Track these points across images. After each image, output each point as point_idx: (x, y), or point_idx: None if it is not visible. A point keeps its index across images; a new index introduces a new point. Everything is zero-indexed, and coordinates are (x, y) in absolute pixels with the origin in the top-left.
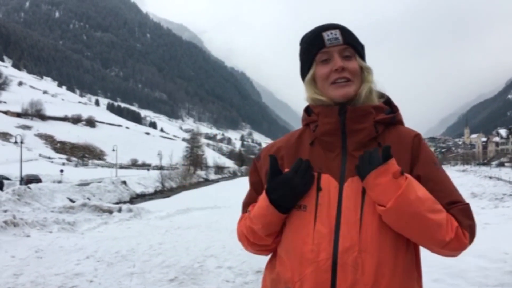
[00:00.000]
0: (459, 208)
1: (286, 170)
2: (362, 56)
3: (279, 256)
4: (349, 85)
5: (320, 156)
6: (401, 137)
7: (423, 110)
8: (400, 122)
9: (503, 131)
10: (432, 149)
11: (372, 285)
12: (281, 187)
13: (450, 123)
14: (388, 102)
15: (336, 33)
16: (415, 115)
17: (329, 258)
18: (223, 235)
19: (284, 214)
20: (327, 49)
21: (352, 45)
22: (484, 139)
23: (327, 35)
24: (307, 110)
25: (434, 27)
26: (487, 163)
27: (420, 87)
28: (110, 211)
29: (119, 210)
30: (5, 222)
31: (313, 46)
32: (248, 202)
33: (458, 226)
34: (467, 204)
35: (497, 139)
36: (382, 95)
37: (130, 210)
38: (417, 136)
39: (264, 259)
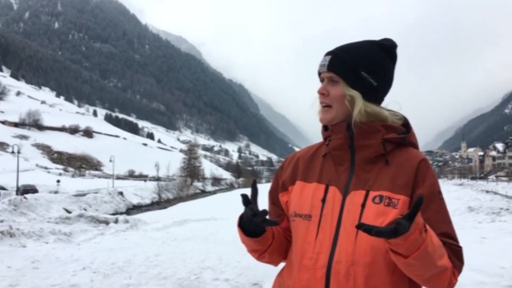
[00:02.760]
0: (453, 248)
1: (298, 181)
2: (353, 81)
3: (287, 261)
4: (326, 111)
5: (330, 169)
6: (409, 158)
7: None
8: (412, 144)
9: (500, 145)
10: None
11: None
12: (245, 218)
13: (447, 137)
14: (406, 124)
15: (326, 59)
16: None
17: (324, 266)
18: (220, 247)
19: (254, 238)
20: (322, 74)
21: (336, 72)
22: (481, 153)
23: (321, 61)
24: (325, 125)
25: (432, 42)
26: (484, 177)
27: (417, 101)
28: (106, 222)
29: (116, 221)
30: (1, 232)
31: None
32: None
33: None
34: (461, 248)
35: (494, 153)
36: (400, 117)
37: (126, 221)
38: (424, 160)
39: (261, 272)
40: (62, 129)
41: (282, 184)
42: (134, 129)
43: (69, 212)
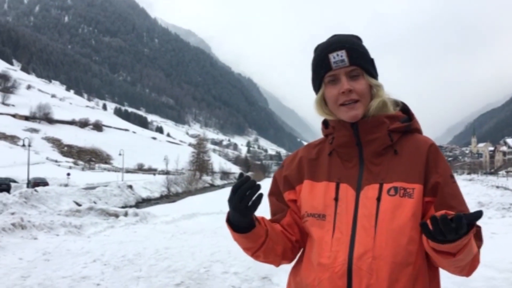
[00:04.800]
0: (475, 229)
1: (306, 180)
2: (371, 72)
3: (303, 261)
4: (356, 107)
5: (338, 166)
6: (418, 145)
7: (430, 118)
8: (416, 130)
9: (510, 141)
10: None
11: None
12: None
13: (457, 132)
14: (405, 110)
15: (342, 54)
16: (422, 124)
17: (344, 263)
18: (229, 241)
19: (242, 233)
20: (334, 72)
21: (359, 64)
22: (491, 148)
23: (333, 57)
24: (325, 122)
25: (443, 37)
26: (494, 172)
27: (428, 96)
28: (116, 215)
29: (125, 214)
30: (13, 224)
31: (321, 68)
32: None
33: None
34: (480, 227)
35: (504, 148)
36: (398, 104)
37: (136, 215)
38: (433, 145)
39: (269, 266)
40: (72, 122)
41: (286, 182)
42: (143, 123)
43: (79, 205)
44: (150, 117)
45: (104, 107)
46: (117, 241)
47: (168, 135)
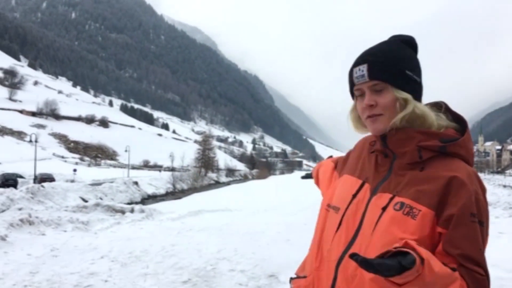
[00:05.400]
0: (473, 276)
1: (345, 175)
2: (399, 84)
3: (311, 247)
4: (378, 121)
5: (371, 167)
6: (444, 170)
7: None
8: (455, 154)
9: None
10: None
11: None
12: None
13: None
14: (462, 128)
15: (363, 69)
16: None
17: (335, 260)
18: (235, 238)
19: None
20: (358, 86)
21: (380, 78)
22: (499, 147)
23: (355, 72)
24: None
25: (449, 35)
26: (501, 171)
27: (434, 94)
28: (122, 212)
29: (132, 211)
30: (21, 220)
31: (349, 82)
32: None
33: None
34: (485, 276)
35: (511, 147)
36: (448, 123)
37: (142, 211)
38: (457, 178)
39: (276, 264)
40: (78, 118)
41: (340, 166)
42: (149, 120)
43: (85, 201)
44: (156, 114)
45: (110, 104)
46: (124, 238)
47: (174, 131)
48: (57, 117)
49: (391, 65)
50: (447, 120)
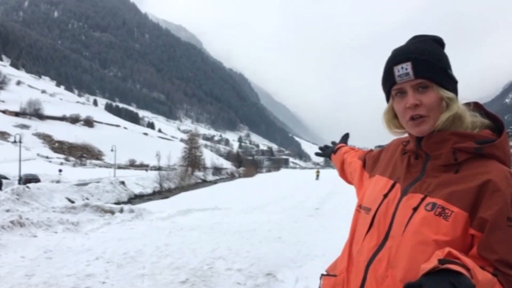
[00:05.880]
0: (511, 281)
1: (377, 175)
2: (443, 83)
3: (344, 247)
4: (424, 123)
5: (403, 168)
6: (480, 172)
7: None
8: (491, 155)
9: None
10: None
11: None
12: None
13: None
14: (498, 129)
15: (407, 67)
16: None
17: (365, 260)
18: (227, 237)
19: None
20: (400, 85)
21: (426, 77)
22: None
23: (397, 70)
24: None
25: (432, 31)
26: None
27: None
28: (112, 212)
29: (121, 211)
30: (12, 222)
31: (387, 80)
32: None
33: None
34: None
35: None
36: (485, 123)
37: (131, 211)
38: (492, 180)
39: (272, 262)
40: (62, 118)
41: (370, 165)
42: (134, 119)
43: (71, 201)
44: (141, 113)
45: (95, 103)
46: (116, 238)
47: (160, 130)
48: (41, 117)
49: (435, 63)
50: (482, 119)
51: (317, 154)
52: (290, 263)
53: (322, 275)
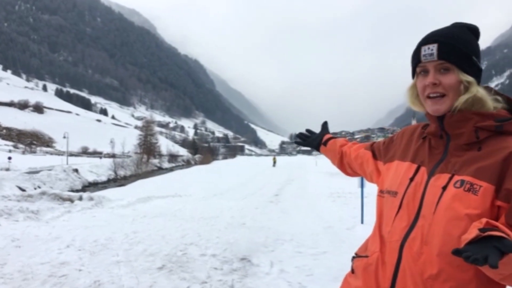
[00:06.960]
0: None
1: (396, 161)
2: (464, 67)
3: (373, 230)
4: (441, 102)
5: (425, 151)
6: (503, 147)
7: (373, 101)
8: (510, 132)
9: None
10: (381, 139)
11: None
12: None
13: (398, 115)
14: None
15: (433, 48)
16: (366, 107)
17: (399, 240)
18: (192, 224)
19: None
20: (423, 64)
21: (448, 59)
22: None
23: (424, 50)
24: None
25: (389, 22)
26: None
27: (370, 81)
28: (71, 200)
29: (80, 199)
30: None
31: (414, 59)
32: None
33: None
34: None
35: None
36: (502, 104)
37: (91, 199)
38: None
39: (244, 247)
40: (10, 104)
41: (382, 154)
42: (86, 105)
43: (23, 190)
44: (94, 99)
45: (44, 88)
46: (82, 226)
47: (113, 117)
48: None
49: (460, 48)
50: (501, 102)
51: (297, 142)
52: (262, 247)
53: (353, 257)
